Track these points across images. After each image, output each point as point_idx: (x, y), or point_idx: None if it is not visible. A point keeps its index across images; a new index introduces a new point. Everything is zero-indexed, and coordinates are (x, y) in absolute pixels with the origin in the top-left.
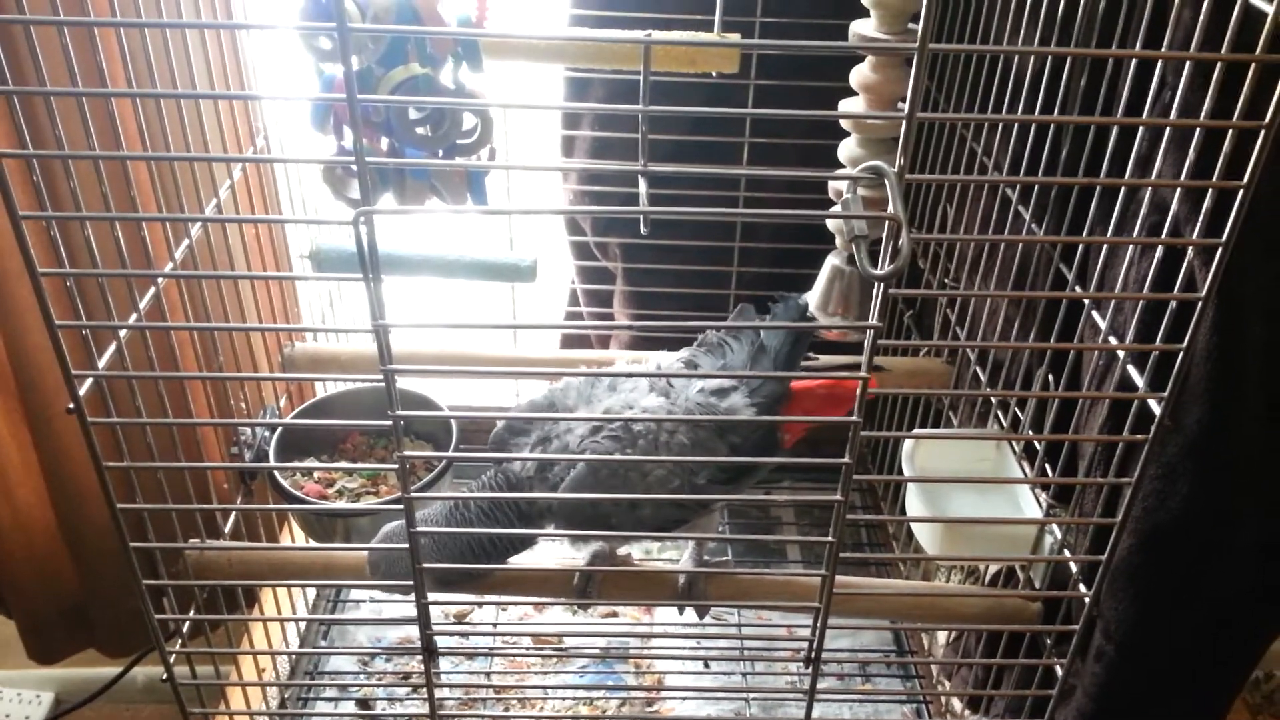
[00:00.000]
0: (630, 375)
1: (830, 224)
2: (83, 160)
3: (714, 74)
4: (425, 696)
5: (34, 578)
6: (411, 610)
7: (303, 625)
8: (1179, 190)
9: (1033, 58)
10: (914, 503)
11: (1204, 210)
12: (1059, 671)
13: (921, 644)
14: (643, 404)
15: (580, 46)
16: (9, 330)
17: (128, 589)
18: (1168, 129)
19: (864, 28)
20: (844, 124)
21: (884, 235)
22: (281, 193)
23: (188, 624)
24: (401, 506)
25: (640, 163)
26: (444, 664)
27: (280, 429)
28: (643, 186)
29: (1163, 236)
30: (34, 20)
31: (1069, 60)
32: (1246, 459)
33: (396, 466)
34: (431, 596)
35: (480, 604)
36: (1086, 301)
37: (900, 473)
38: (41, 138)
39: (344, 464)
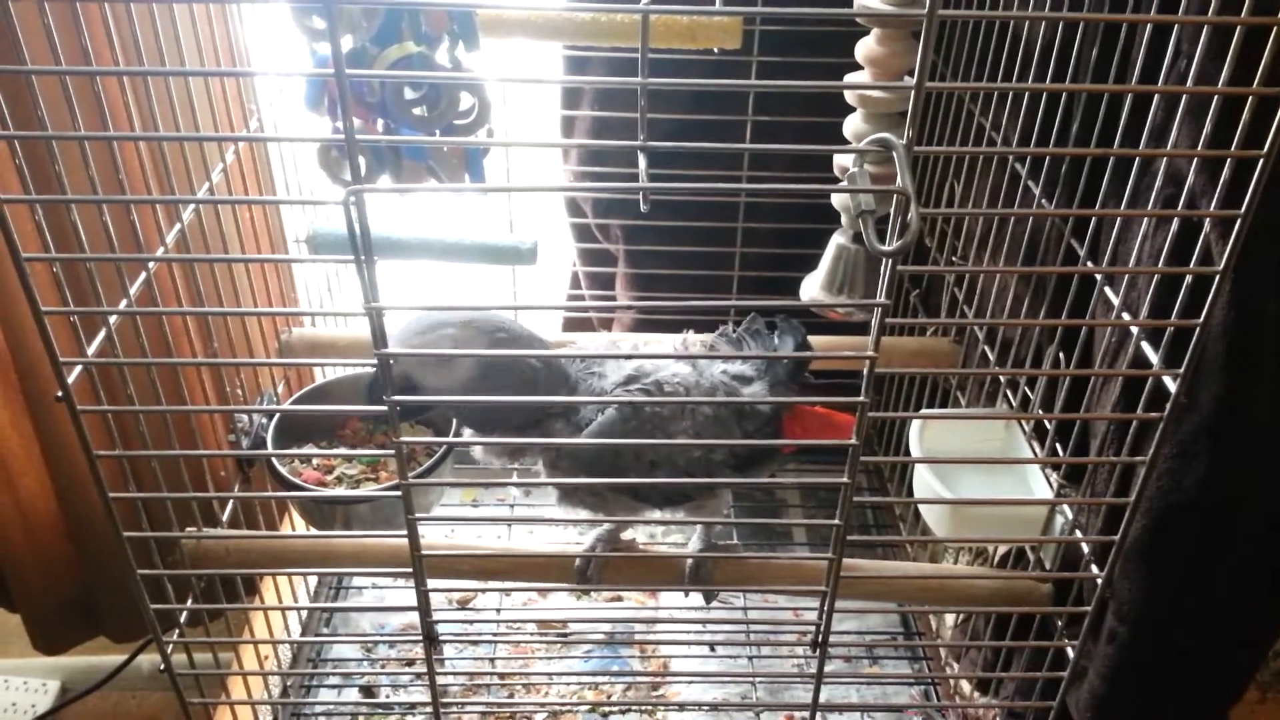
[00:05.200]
0: (643, 357)
1: (836, 201)
2: (70, 143)
3: (715, 50)
4: (428, 683)
5: (38, 568)
6: (413, 597)
7: (304, 613)
8: (1195, 161)
9: (1043, 29)
10: (922, 484)
11: (1221, 181)
12: (1070, 653)
13: (930, 626)
14: (672, 369)
15: (578, 21)
16: (6, 317)
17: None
18: (1183, 99)
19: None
20: (849, 100)
21: (892, 209)
22: (276, 177)
23: (185, 613)
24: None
25: (639, 139)
26: (448, 650)
27: (278, 415)
28: (642, 163)
29: (1179, 209)
30: None
31: (1080, 30)
32: (1264, 437)
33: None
34: (433, 584)
35: (483, 590)
36: (1099, 277)
37: (908, 454)
38: (26, 120)
39: (343, 450)
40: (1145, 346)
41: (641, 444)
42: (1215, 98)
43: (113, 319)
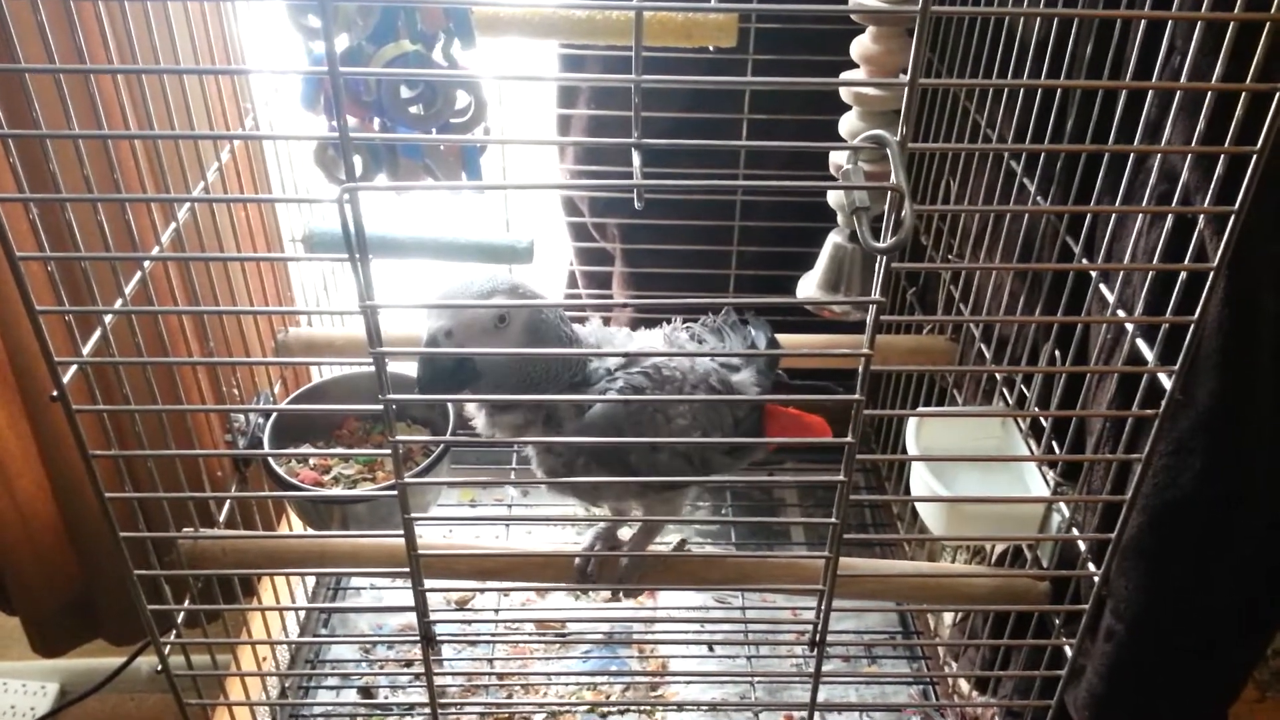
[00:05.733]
0: (641, 355)
1: (832, 199)
2: (64, 142)
3: (711, 48)
4: (426, 684)
5: (36, 570)
6: (411, 598)
7: (302, 614)
8: (1189, 157)
9: (1037, 25)
10: (919, 482)
11: (1215, 178)
12: (1068, 651)
13: (928, 625)
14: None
15: (573, 19)
16: (2, 317)
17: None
18: (1177, 95)
19: None
20: (845, 98)
21: (886, 207)
22: (272, 176)
23: (183, 614)
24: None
25: (633, 136)
26: (447, 651)
27: (274, 415)
28: (636, 160)
29: (1173, 205)
30: None
31: (1075, 26)
32: (1260, 434)
33: (390, 452)
34: (430, 584)
35: (481, 590)
36: (1094, 274)
37: (904, 452)
38: (20, 119)
39: (340, 450)
40: (1141, 343)
41: (647, 442)
42: (1209, 94)
43: (108, 318)
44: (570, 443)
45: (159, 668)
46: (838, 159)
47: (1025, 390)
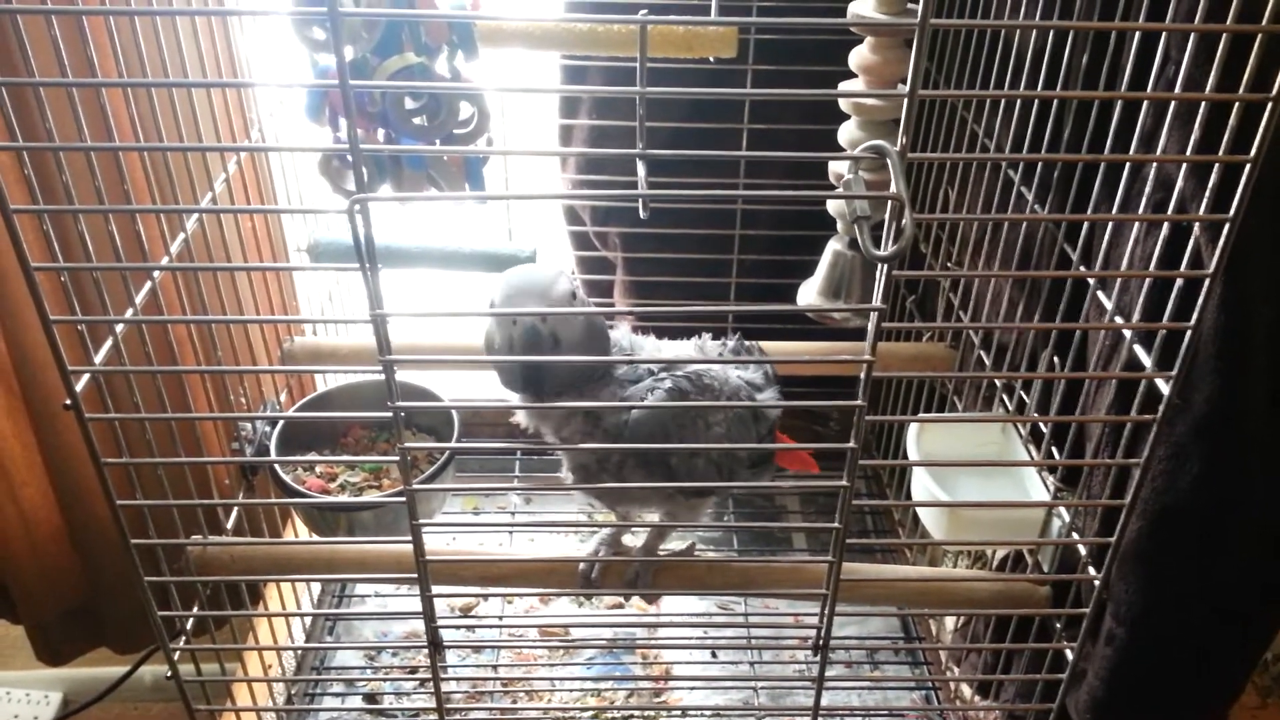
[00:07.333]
0: (648, 360)
1: (832, 207)
2: (75, 154)
3: (712, 59)
4: (432, 690)
5: (40, 579)
6: (418, 604)
7: (308, 620)
8: (1184, 166)
9: (1034, 36)
10: (920, 487)
11: (1210, 186)
12: (1069, 655)
13: (930, 630)
14: (706, 364)
15: (575, 31)
16: (9, 327)
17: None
18: (1172, 105)
19: (863, 8)
20: (844, 107)
21: (886, 216)
22: (278, 187)
23: (191, 621)
24: (404, 500)
25: (638, 147)
26: (451, 657)
27: (281, 424)
28: (641, 171)
29: (1169, 213)
30: (22, 10)
31: (1070, 37)
32: (1256, 438)
33: (398, 459)
34: (437, 590)
35: (485, 595)
36: (1091, 281)
37: (905, 458)
38: (33, 132)
39: (346, 457)
40: (1138, 349)
41: (685, 448)
42: (1203, 103)
43: (119, 328)
44: (618, 448)
45: (167, 674)
46: (838, 168)
47: (1025, 396)
